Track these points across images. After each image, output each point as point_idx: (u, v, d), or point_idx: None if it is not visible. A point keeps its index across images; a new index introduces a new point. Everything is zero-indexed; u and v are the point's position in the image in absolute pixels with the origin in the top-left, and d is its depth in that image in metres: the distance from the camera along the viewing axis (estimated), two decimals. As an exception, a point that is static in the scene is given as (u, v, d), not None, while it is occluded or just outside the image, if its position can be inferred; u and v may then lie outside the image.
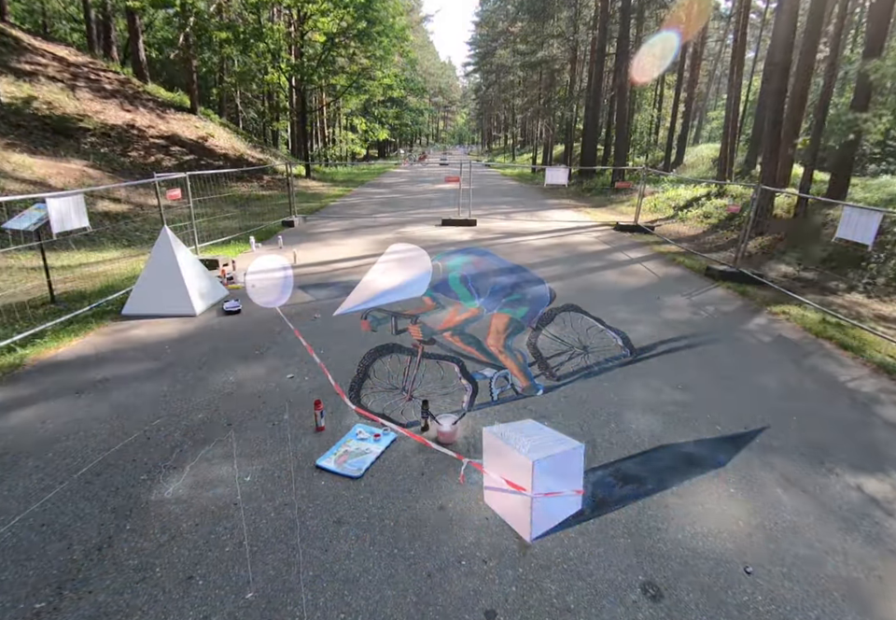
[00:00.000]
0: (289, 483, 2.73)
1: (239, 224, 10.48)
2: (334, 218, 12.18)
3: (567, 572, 2.20)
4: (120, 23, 22.43)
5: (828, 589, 2.14)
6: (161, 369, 4.06)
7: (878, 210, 5.15)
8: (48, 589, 2.08)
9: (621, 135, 18.76)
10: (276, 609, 2.01)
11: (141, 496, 2.62)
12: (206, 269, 5.84)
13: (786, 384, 3.95)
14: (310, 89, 21.29)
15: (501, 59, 39.59)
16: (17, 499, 2.58)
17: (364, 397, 3.53)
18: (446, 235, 9.84)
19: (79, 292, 5.89)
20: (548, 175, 12.19)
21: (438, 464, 2.90)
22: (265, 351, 4.40)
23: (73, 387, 3.72)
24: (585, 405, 3.56)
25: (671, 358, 4.38)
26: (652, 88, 28.92)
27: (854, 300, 6.58)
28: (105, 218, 9.61)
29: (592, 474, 2.80)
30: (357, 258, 7.71)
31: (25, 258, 7.09)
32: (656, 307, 5.71)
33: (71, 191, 5.01)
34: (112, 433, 3.15)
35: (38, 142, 11.42)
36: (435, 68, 70.26)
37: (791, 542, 2.38)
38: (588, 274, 7.20)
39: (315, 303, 5.63)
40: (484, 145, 76.93)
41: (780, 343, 4.81)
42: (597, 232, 10.66)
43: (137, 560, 2.22)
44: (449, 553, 2.29)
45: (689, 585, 2.14)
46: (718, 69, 38.13)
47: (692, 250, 8.81)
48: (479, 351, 3.64)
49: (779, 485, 2.77)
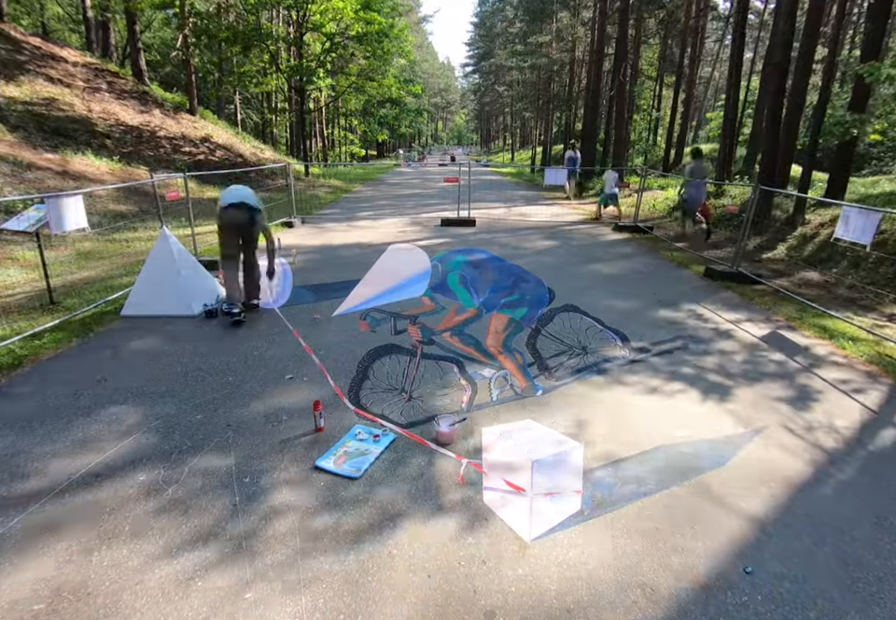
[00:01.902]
0: (289, 484, 2.73)
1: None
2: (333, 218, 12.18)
3: (566, 573, 2.19)
4: (119, 24, 22.42)
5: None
6: (159, 369, 4.06)
7: (878, 210, 5.15)
8: (46, 590, 2.07)
9: (619, 136, 18.77)
10: (276, 609, 2.00)
11: (140, 497, 2.61)
12: (205, 269, 5.84)
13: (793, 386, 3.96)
14: (309, 90, 21.28)
15: (500, 60, 39.66)
16: (16, 499, 2.57)
17: (363, 397, 3.52)
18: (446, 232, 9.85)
19: (79, 293, 5.89)
20: (547, 175, 12.27)
21: (437, 465, 2.90)
22: (264, 352, 4.39)
23: (72, 388, 3.72)
24: (584, 406, 3.56)
25: (671, 357, 4.39)
26: (651, 89, 28.96)
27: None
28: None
29: (591, 474, 2.80)
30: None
31: (25, 258, 7.09)
32: (655, 307, 5.71)
33: (70, 192, 5.01)
34: (111, 434, 3.15)
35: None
36: (434, 69, 70.33)
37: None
38: (586, 272, 7.21)
39: (314, 304, 5.63)
40: (484, 145, 77.02)
41: (777, 340, 4.81)
42: (597, 232, 10.66)
43: (137, 561, 2.22)
44: (448, 553, 2.29)
45: (689, 585, 2.14)
46: (716, 70, 38.17)
47: (691, 250, 8.82)
48: (478, 351, 3.64)
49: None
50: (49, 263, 5.51)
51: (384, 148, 50.52)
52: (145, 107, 16.82)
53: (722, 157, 14.02)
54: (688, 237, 9.98)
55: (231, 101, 28.34)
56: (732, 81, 13.96)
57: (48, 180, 9.77)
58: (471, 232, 10.30)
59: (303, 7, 18.65)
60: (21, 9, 24.01)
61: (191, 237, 7.50)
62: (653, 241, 9.82)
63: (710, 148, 22.95)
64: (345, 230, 10.63)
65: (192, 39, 18.48)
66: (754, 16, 29.37)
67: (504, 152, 57.37)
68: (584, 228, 11.29)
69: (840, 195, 9.28)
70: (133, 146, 14.11)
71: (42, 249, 5.38)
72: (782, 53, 10.22)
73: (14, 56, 14.05)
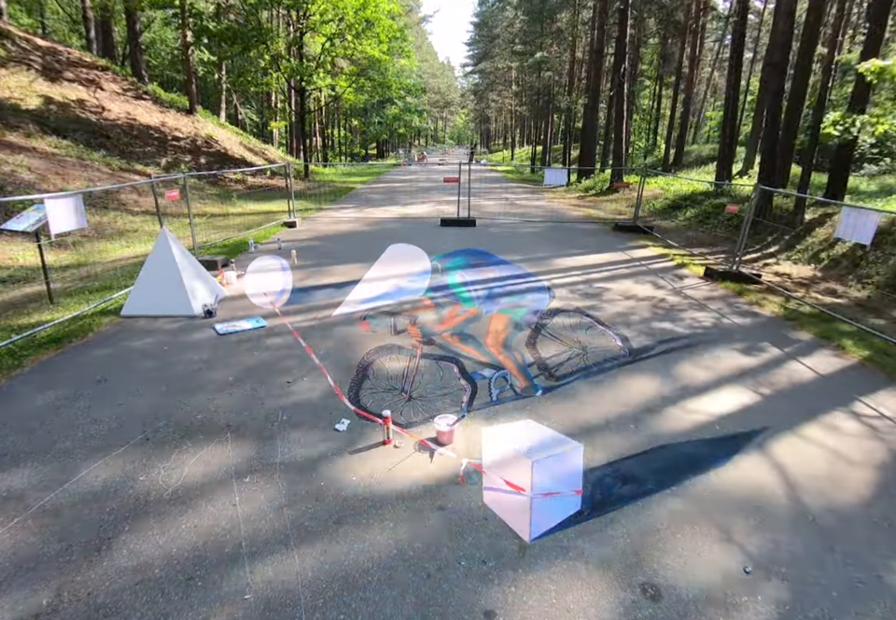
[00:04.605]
0: (288, 483, 2.73)
1: (239, 224, 10.47)
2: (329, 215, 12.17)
3: (566, 572, 2.19)
4: (119, 24, 22.41)
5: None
6: (159, 369, 4.06)
7: (877, 210, 5.16)
8: (46, 591, 2.07)
9: (619, 136, 18.77)
10: (275, 610, 2.00)
11: (140, 497, 2.61)
12: (205, 269, 5.84)
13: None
14: (309, 89, 21.24)
15: (500, 60, 39.65)
16: (16, 500, 2.57)
17: (363, 397, 3.53)
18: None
19: (78, 292, 5.89)
20: (547, 175, 12.30)
21: (437, 464, 2.90)
22: (263, 352, 4.39)
23: (72, 388, 3.72)
24: (584, 406, 3.56)
25: (670, 358, 4.38)
26: (651, 89, 28.96)
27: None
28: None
29: (591, 474, 2.80)
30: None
31: (25, 258, 7.08)
32: (653, 306, 5.71)
33: (70, 192, 5.01)
34: (111, 434, 3.15)
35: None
36: (434, 69, 70.29)
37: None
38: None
39: (314, 304, 5.63)
40: (484, 145, 77.04)
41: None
42: (596, 231, 10.66)
43: (136, 561, 2.22)
44: (448, 553, 2.29)
45: (688, 585, 2.14)
46: (716, 70, 38.17)
47: (690, 250, 8.82)
48: (478, 351, 3.64)
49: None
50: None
51: (384, 148, 50.53)
52: (145, 107, 16.81)
53: (722, 157, 14.03)
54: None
55: (231, 101, 28.33)
56: (732, 81, 13.98)
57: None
58: (471, 232, 10.30)
59: (303, 6, 18.64)
60: (21, 9, 24.00)
61: (191, 237, 7.50)
62: (653, 240, 9.81)
63: (710, 148, 22.99)
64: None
65: (192, 39, 18.46)
66: (754, 16, 29.37)
67: (504, 151, 57.42)
68: (582, 226, 11.30)
69: (840, 195, 9.29)
70: (134, 145, 14.13)
71: (42, 249, 5.38)
72: (782, 53, 10.22)
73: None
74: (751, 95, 26.96)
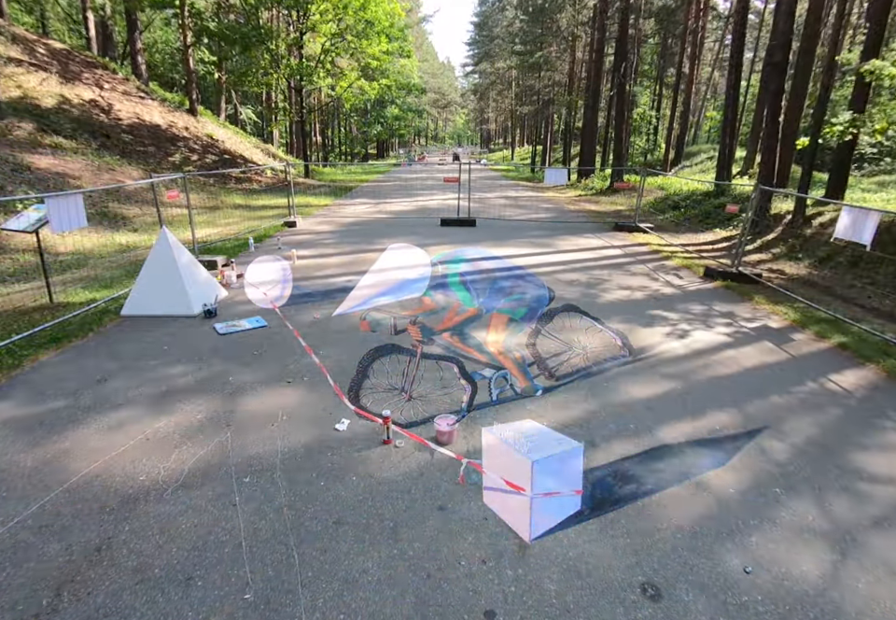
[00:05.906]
0: (288, 483, 2.72)
1: (239, 224, 10.47)
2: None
3: (566, 572, 2.19)
4: (119, 24, 22.41)
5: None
6: (159, 369, 4.06)
7: (877, 210, 5.15)
8: (46, 590, 2.07)
9: (619, 136, 18.77)
10: (275, 609, 2.00)
11: (140, 497, 2.61)
12: (205, 269, 5.84)
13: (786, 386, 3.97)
14: (309, 89, 21.26)
15: (500, 60, 39.64)
16: (16, 500, 2.57)
17: (363, 397, 3.53)
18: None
19: (77, 292, 5.89)
20: (548, 174, 12.32)
21: (437, 464, 2.90)
22: (263, 352, 4.39)
23: (72, 389, 3.72)
24: (584, 405, 3.56)
25: (670, 358, 4.38)
26: (651, 88, 28.95)
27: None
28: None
29: (591, 474, 2.80)
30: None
31: (24, 258, 7.09)
32: (653, 306, 5.71)
33: (70, 192, 5.01)
34: (111, 434, 3.15)
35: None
36: (434, 69, 70.30)
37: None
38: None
39: (314, 304, 5.63)
40: (484, 145, 77.07)
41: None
42: (596, 232, 10.66)
43: (136, 561, 2.22)
44: (448, 553, 2.29)
45: (688, 585, 2.14)
46: (716, 70, 38.15)
47: (690, 250, 8.82)
48: (478, 351, 3.65)
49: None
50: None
51: (384, 148, 50.54)
52: (145, 107, 16.81)
53: (722, 157, 14.02)
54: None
55: (231, 101, 28.32)
56: (732, 81, 13.97)
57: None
58: (471, 232, 10.30)
59: (304, 6, 18.65)
60: (20, 9, 23.97)
61: (191, 237, 7.51)
62: (652, 240, 9.81)
63: (711, 148, 22.99)
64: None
65: (192, 39, 18.47)
66: (754, 16, 29.39)
67: (504, 151, 57.43)
68: (582, 227, 11.30)
69: (840, 195, 9.28)
70: (133, 144, 14.15)
71: (42, 249, 5.38)
72: (782, 53, 10.22)
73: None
74: (752, 95, 26.95)
